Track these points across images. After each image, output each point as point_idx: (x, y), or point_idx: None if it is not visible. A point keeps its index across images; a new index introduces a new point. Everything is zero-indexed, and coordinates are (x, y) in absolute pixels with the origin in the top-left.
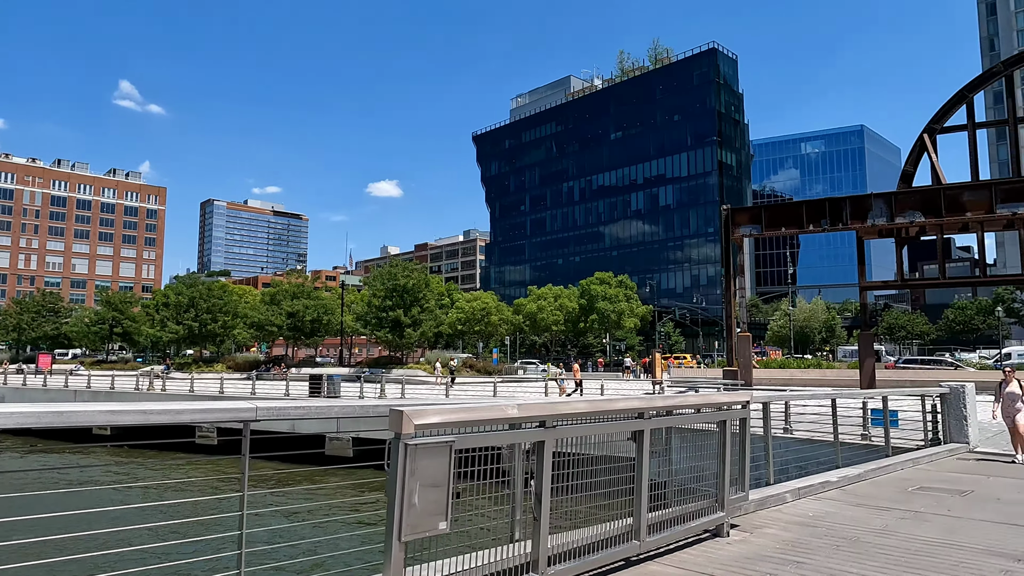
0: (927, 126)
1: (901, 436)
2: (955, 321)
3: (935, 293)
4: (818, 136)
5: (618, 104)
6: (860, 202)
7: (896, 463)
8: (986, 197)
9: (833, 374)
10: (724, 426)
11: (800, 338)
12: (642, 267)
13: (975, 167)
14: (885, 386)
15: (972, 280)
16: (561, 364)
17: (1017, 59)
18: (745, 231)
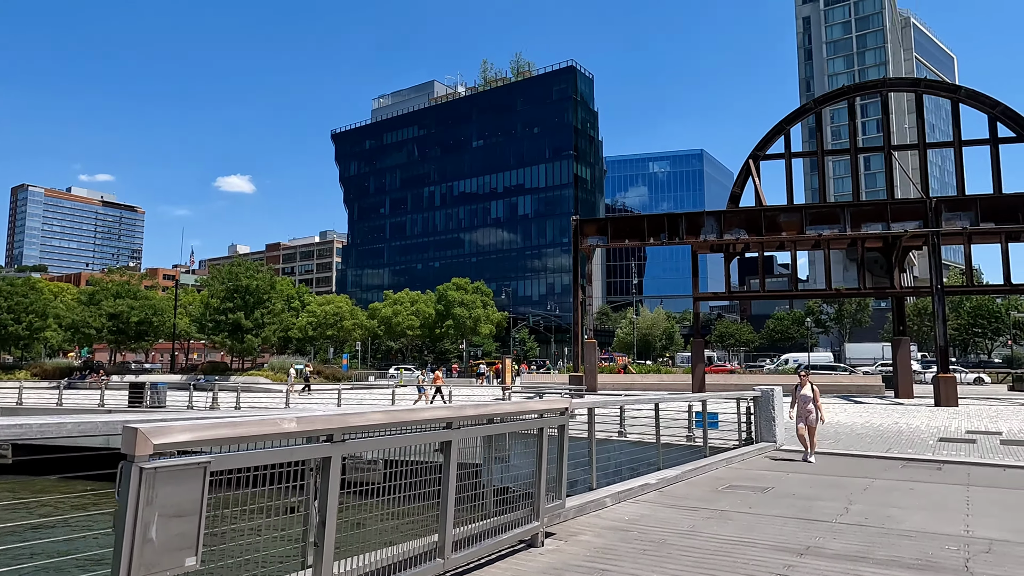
0: (752, 153)
1: (720, 437)
2: (774, 330)
3: (759, 305)
4: (664, 157)
5: (480, 112)
6: (694, 219)
7: (712, 463)
8: (798, 219)
9: (670, 379)
10: (541, 434)
11: (643, 345)
12: (500, 274)
13: (790, 192)
14: (715, 390)
15: (787, 293)
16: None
17: (824, 98)
18: (593, 241)
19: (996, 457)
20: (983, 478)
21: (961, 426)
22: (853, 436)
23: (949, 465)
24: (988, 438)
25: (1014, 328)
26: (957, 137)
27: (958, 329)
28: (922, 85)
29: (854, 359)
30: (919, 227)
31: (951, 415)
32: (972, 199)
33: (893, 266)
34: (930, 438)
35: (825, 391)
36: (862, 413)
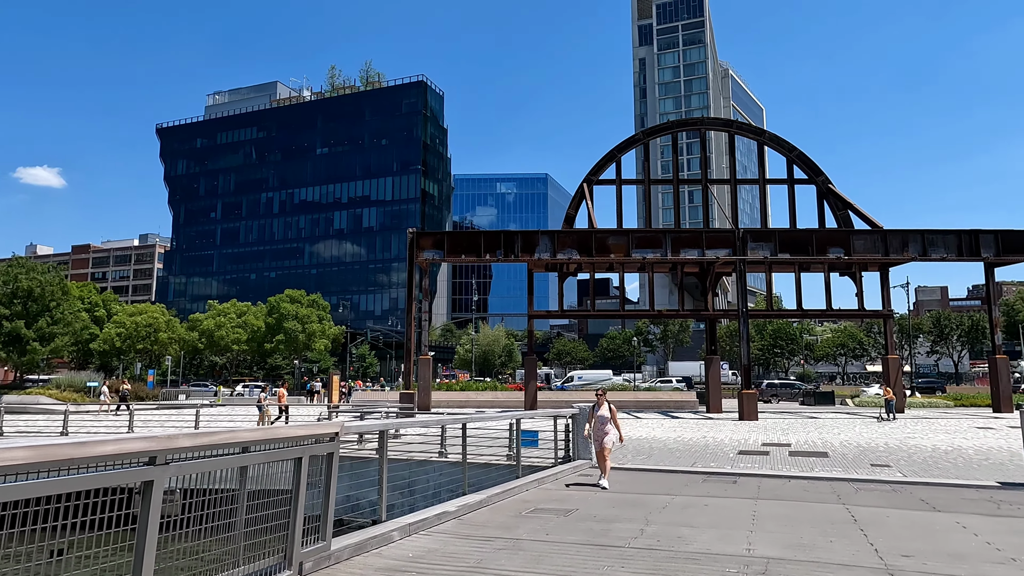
0: (586, 177)
1: (540, 456)
2: (607, 348)
3: (596, 325)
4: (512, 179)
5: (326, 119)
6: (529, 238)
7: (523, 484)
8: (625, 242)
9: (504, 395)
10: (300, 465)
11: (483, 362)
12: (343, 287)
13: (620, 216)
14: (547, 407)
15: (614, 313)
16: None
17: (652, 131)
18: (429, 255)
19: (784, 468)
20: (770, 490)
21: (759, 439)
22: (665, 451)
23: (743, 478)
24: (779, 450)
25: (806, 349)
26: (762, 175)
27: (762, 350)
28: (734, 126)
29: (675, 376)
30: (729, 255)
31: (752, 429)
32: (772, 232)
33: (707, 290)
34: (732, 451)
35: (645, 406)
36: (676, 428)
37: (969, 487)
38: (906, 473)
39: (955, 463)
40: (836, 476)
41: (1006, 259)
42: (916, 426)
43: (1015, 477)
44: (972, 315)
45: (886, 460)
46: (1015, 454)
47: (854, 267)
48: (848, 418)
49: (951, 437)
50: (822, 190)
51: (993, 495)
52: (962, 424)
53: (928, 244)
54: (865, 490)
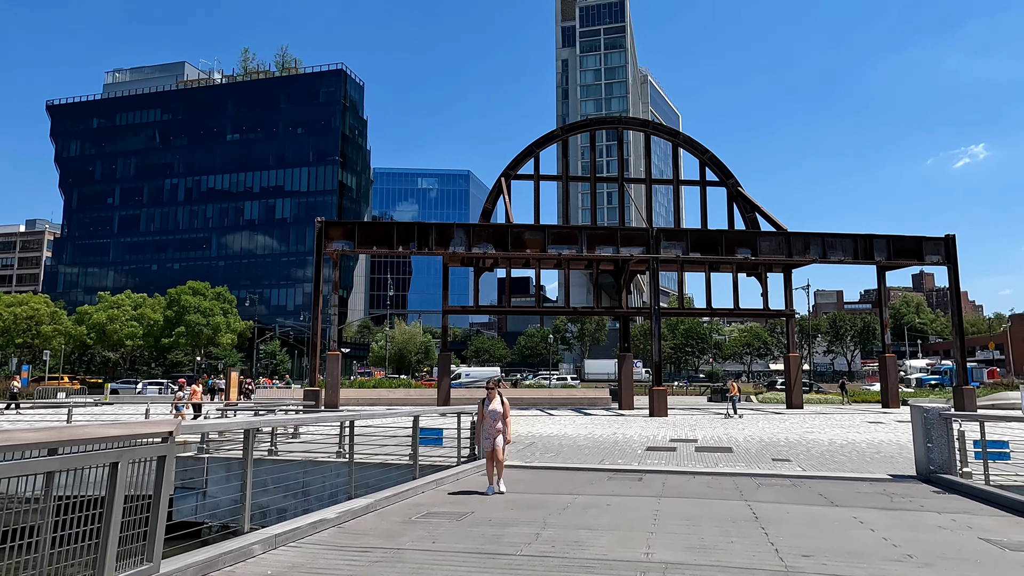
0: (504, 171)
1: (443, 455)
2: (525, 346)
3: (515, 323)
4: (434, 174)
5: (238, 104)
6: (444, 230)
7: (419, 486)
8: (541, 238)
9: (418, 393)
10: (116, 472)
11: (398, 359)
12: (253, 281)
13: (537, 212)
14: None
15: (528, 309)
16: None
17: (571, 127)
18: (338, 246)
19: (689, 464)
20: (675, 487)
21: (667, 435)
22: (574, 448)
23: (649, 475)
24: (686, 445)
25: (714, 348)
26: (676, 176)
27: (674, 348)
28: (651, 127)
29: (592, 374)
30: (643, 252)
31: (661, 425)
32: (684, 231)
33: (622, 288)
34: (640, 447)
35: (559, 404)
36: (587, 425)
37: (863, 480)
38: (805, 467)
39: (850, 456)
40: (739, 471)
41: (896, 263)
42: (814, 421)
43: (904, 469)
44: (864, 317)
45: (787, 455)
46: (904, 447)
47: (760, 268)
48: (752, 414)
49: (846, 432)
50: (732, 193)
51: (886, 488)
52: (855, 419)
53: (828, 247)
54: (767, 485)
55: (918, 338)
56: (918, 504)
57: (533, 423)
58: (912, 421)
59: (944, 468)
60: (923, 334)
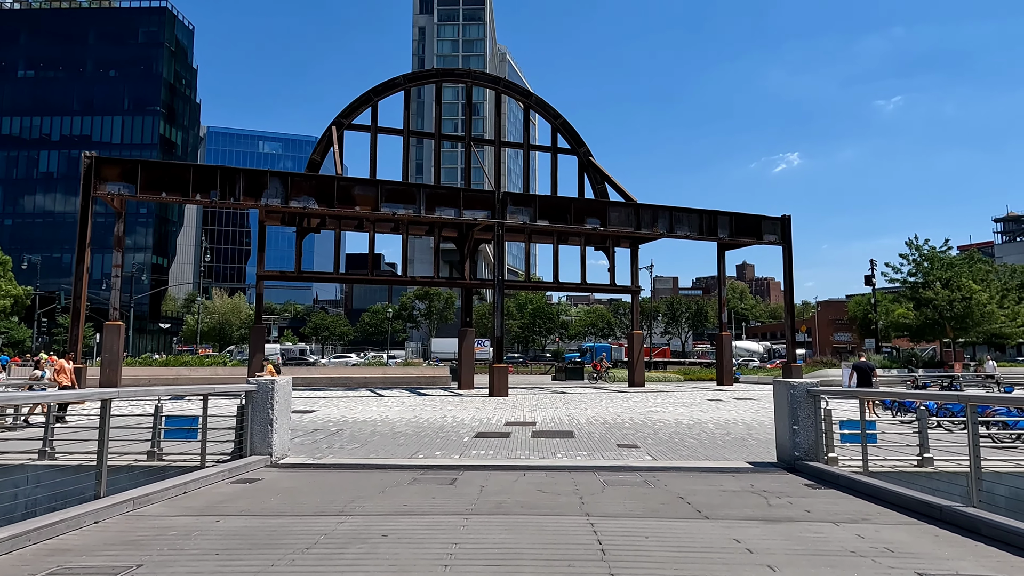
0: (336, 119)
1: (188, 451)
2: (369, 324)
3: (360, 299)
4: (278, 138)
5: (34, 36)
6: (256, 177)
7: (106, 507)
8: (374, 194)
9: (228, 371)
10: None
11: (219, 334)
12: (50, 244)
13: (373, 167)
14: None
15: (360, 277)
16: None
17: (414, 76)
18: (113, 189)
19: (522, 455)
20: (496, 493)
21: (504, 417)
22: (389, 436)
23: (468, 473)
24: (523, 430)
25: (561, 328)
26: (527, 140)
27: (522, 327)
28: (502, 84)
29: (438, 353)
30: (488, 217)
31: (499, 406)
32: (533, 197)
33: (465, 258)
34: (469, 433)
35: (394, 383)
36: (417, 407)
37: (724, 471)
38: (655, 455)
39: (700, 440)
40: (580, 464)
41: (737, 241)
42: (656, 399)
43: (761, 454)
44: (698, 301)
45: (633, 439)
46: (751, 427)
47: (608, 241)
48: (596, 393)
49: (690, 410)
50: (583, 162)
51: (754, 482)
52: (695, 396)
53: (675, 221)
54: (614, 484)
55: (742, 321)
56: (801, 509)
57: (354, 405)
58: (775, 400)
59: (810, 454)
60: (746, 318)
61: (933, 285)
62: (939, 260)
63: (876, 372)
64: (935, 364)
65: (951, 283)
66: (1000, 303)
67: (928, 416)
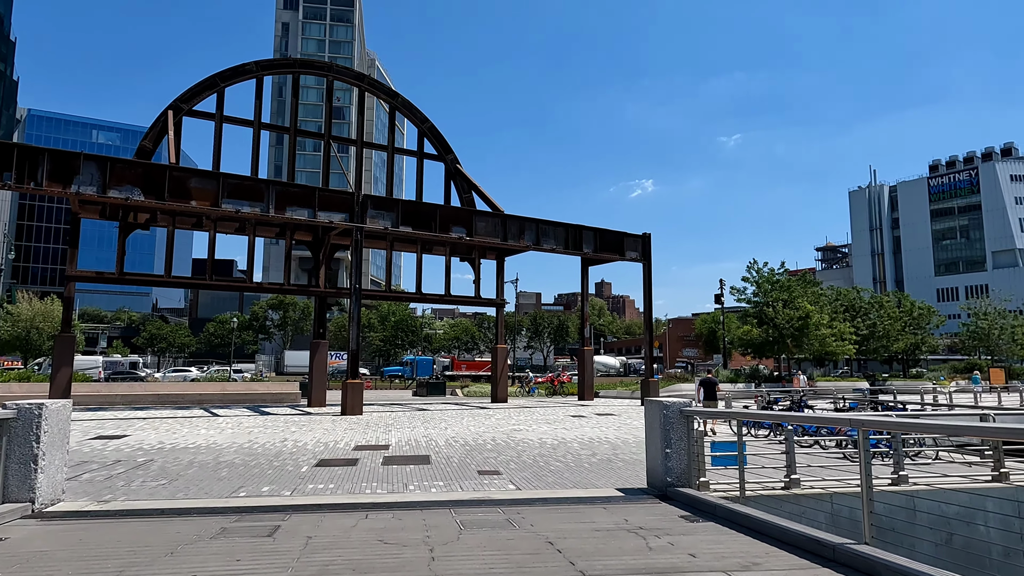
0: (174, 103)
1: None
2: (215, 335)
3: (207, 308)
4: (116, 128)
5: None
6: (66, 160)
7: None
8: (214, 188)
9: (25, 388)
10: None
11: (25, 344)
12: None
13: (217, 159)
14: (98, 403)
15: (196, 282)
16: None
17: (269, 64)
18: None
19: (368, 487)
20: (322, 548)
21: (354, 439)
22: (210, 467)
23: (295, 518)
24: (374, 455)
25: (424, 341)
26: (391, 143)
27: (384, 340)
28: (366, 81)
29: (292, 367)
30: (346, 220)
31: (351, 426)
32: (396, 201)
33: (320, 264)
34: (311, 460)
35: (236, 400)
36: (256, 428)
37: (595, 502)
38: (519, 482)
39: (566, 462)
40: (434, 499)
41: (601, 256)
42: (520, 416)
43: (629, 479)
44: (559, 316)
45: (495, 463)
46: (617, 446)
47: (474, 252)
48: (457, 409)
49: (554, 428)
50: (450, 169)
51: (628, 516)
52: (558, 413)
53: (542, 234)
54: (472, 526)
55: (600, 337)
56: (685, 553)
57: (178, 428)
58: (647, 421)
59: (682, 479)
60: (604, 334)
61: (774, 305)
62: (776, 282)
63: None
64: (775, 379)
65: (789, 303)
66: (829, 324)
67: (794, 436)
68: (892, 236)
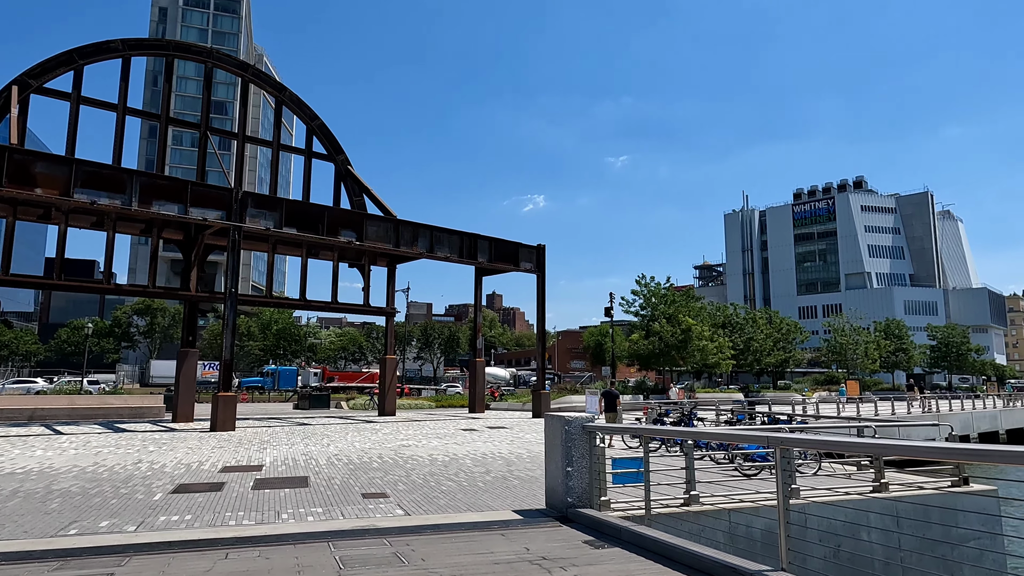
0: (20, 77)
1: None
2: (68, 342)
3: (66, 312)
4: None
5: None
6: None
7: None
8: (65, 174)
9: None
10: None
11: None
12: None
13: (72, 144)
14: None
15: (37, 280)
16: None
17: (138, 44)
18: None
19: (234, 515)
20: None
21: (222, 459)
22: (37, 498)
23: (136, 562)
24: (244, 477)
25: (309, 351)
26: (276, 139)
27: (264, 350)
28: (250, 71)
29: (160, 377)
30: (222, 218)
31: (220, 443)
32: (280, 200)
33: (192, 264)
34: (167, 486)
35: (85, 416)
36: (104, 449)
37: (492, 527)
38: (408, 506)
39: (458, 481)
40: (311, 529)
41: (496, 266)
42: (408, 430)
43: (525, 498)
44: (451, 327)
45: (382, 484)
46: (511, 462)
47: (364, 257)
48: (342, 423)
49: (444, 443)
50: (341, 170)
51: (528, 543)
52: (449, 426)
53: (436, 241)
54: (355, 563)
55: (491, 348)
56: None
57: (9, 449)
58: (547, 437)
59: (584, 499)
60: (494, 346)
61: (660, 319)
62: (662, 296)
63: (620, 400)
64: (659, 391)
65: (673, 317)
66: (711, 337)
67: (694, 449)
68: (761, 257)
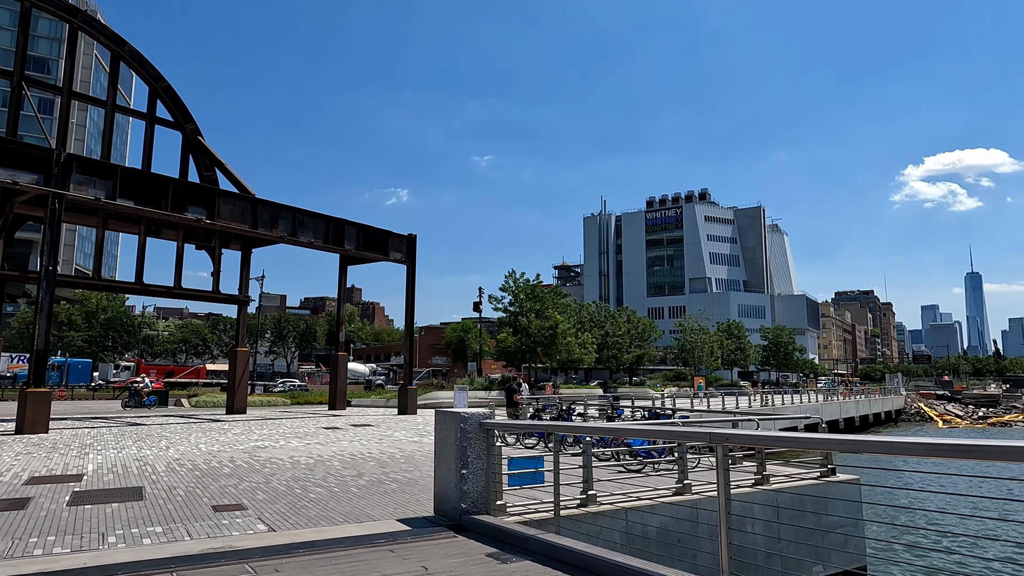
0: None
1: None
2: None
3: None
4: None
5: None
6: None
7: None
8: None
9: None
10: None
11: None
12: None
13: None
14: None
15: None
16: None
17: None
18: None
19: (41, 541)
20: None
21: (29, 468)
22: None
23: None
24: (57, 490)
25: (143, 343)
26: (112, 97)
27: (89, 341)
28: (79, 17)
29: None
30: (38, 183)
31: (28, 449)
32: (114, 167)
33: None
34: None
35: None
36: None
37: (377, 542)
38: (272, 519)
39: (328, 487)
40: (148, 556)
41: (363, 254)
42: (263, 429)
43: (408, 504)
44: (307, 320)
45: (236, 493)
46: (384, 462)
47: (215, 239)
48: (183, 423)
49: (306, 443)
50: (190, 140)
51: (424, 561)
52: (309, 425)
53: (299, 224)
54: None
55: (351, 343)
56: None
57: None
58: (438, 437)
59: (479, 504)
60: (354, 340)
61: (528, 315)
62: (531, 292)
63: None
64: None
65: (542, 313)
66: (575, 333)
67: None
68: (616, 260)
